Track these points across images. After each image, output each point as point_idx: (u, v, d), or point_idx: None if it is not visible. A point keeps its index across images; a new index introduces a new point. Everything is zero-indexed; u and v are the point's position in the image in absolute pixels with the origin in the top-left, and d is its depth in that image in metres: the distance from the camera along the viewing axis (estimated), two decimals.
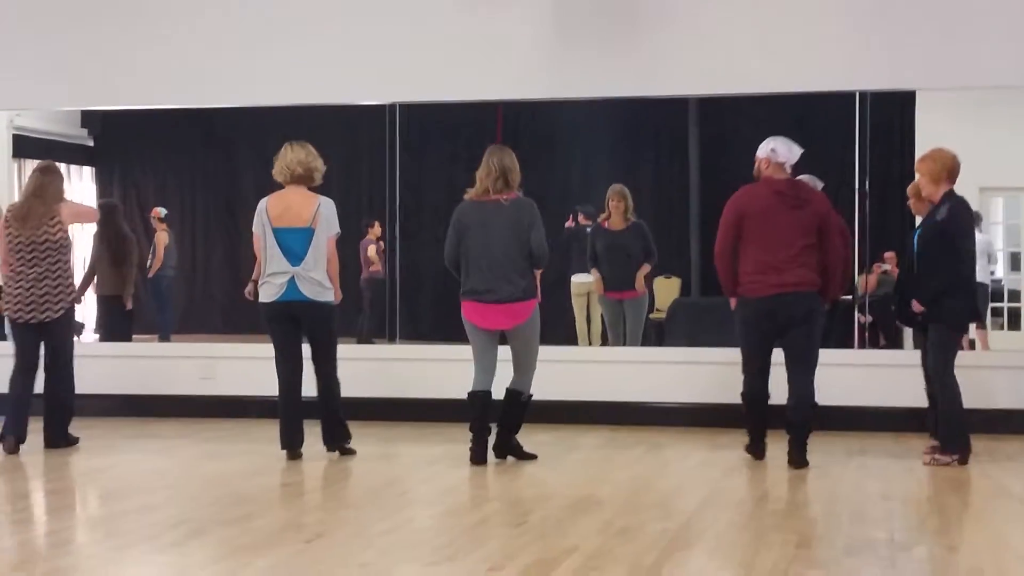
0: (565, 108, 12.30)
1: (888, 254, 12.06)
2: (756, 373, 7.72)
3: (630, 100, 10.28)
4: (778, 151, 7.71)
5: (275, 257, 7.91)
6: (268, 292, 7.94)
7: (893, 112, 10.73)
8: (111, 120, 13.03)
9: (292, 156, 7.96)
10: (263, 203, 8.01)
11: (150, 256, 11.93)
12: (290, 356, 8.01)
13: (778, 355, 7.71)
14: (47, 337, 8.47)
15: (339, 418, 8.08)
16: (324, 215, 7.91)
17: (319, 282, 7.90)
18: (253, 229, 8.02)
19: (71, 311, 8.59)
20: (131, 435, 9.16)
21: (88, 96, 10.60)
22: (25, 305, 8.39)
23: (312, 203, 7.92)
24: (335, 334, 8.11)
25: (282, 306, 7.90)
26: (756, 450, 7.83)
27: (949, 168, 7.75)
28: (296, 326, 7.98)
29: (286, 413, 8.00)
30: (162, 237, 11.99)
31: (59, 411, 8.49)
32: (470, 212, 7.77)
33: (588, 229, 11.90)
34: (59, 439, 8.48)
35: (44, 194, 8.43)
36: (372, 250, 13.54)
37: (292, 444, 7.97)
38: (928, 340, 7.88)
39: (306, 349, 8.10)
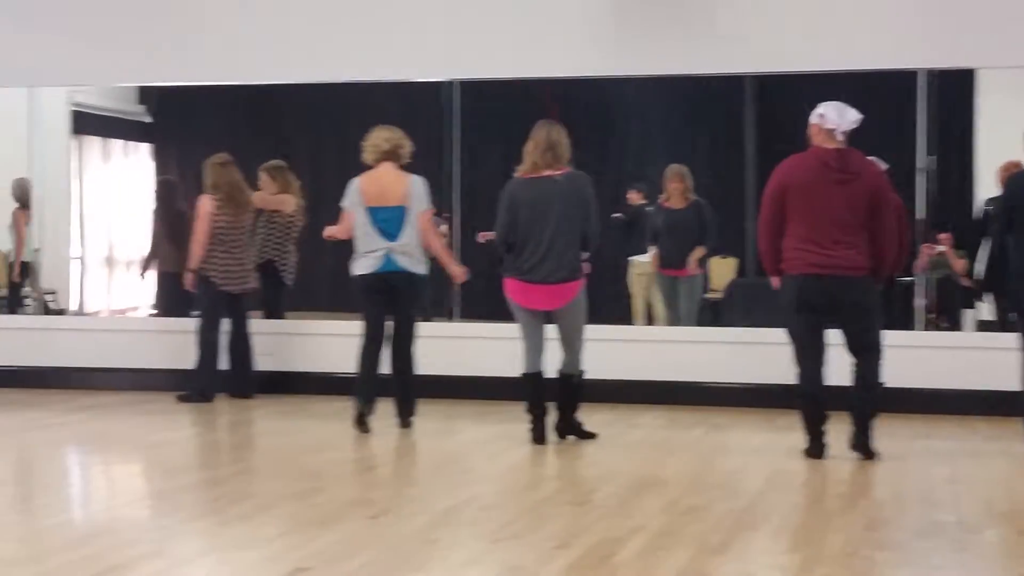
0: (620, 86, 12.21)
1: (943, 235, 11.88)
2: (809, 365, 7.05)
3: (686, 78, 10.21)
4: (827, 116, 7.02)
5: (371, 235, 8.04)
6: (365, 264, 8.06)
7: (954, 91, 10.61)
8: (168, 97, 13.06)
9: (379, 134, 8.17)
10: (356, 181, 8.14)
11: None
12: (376, 333, 8.13)
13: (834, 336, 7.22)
14: (244, 304, 9.80)
15: (411, 396, 8.24)
16: (416, 193, 8.07)
17: (415, 256, 8.08)
18: (343, 204, 8.13)
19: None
20: (191, 410, 9.20)
21: (145, 72, 10.63)
22: (236, 277, 9.67)
23: (404, 182, 8.08)
24: (419, 312, 8.33)
25: (379, 277, 8.03)
26: (815, 451, 7.13)
27: None
28: (387, 301, 8.09)
29: (363, 388, 8.06)
30: None
31: (242, 367, 9.78)
32: (522, 189, 7.65)
33: (646, 208, 11.83)
34: (245, 389, 9.72)
35: (243, 185, 9.80)
36: (444, 228, 13.55)
37: (364, 419, 8.01)
38: None
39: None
